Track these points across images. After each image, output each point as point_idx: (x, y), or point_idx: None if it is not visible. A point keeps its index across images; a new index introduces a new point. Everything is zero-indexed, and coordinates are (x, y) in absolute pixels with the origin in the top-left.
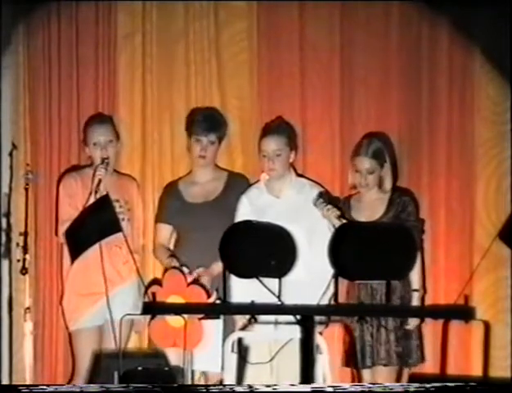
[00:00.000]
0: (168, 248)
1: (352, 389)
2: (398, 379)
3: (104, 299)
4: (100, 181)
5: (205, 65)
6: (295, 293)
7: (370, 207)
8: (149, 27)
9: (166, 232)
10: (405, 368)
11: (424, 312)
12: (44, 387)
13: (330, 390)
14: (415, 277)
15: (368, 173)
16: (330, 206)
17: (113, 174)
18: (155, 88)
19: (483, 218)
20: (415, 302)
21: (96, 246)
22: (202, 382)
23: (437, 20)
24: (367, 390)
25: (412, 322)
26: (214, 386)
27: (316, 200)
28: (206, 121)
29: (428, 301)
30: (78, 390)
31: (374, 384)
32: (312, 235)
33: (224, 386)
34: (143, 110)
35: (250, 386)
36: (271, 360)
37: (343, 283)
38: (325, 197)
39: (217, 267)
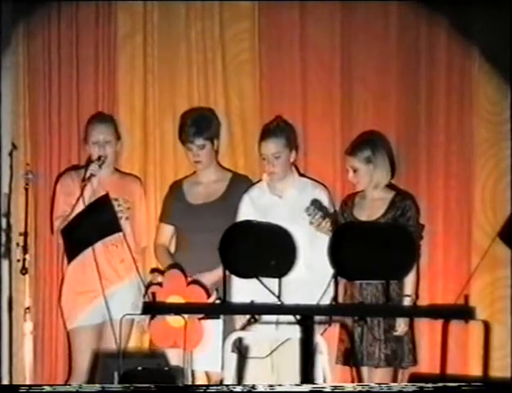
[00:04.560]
0: (168, 250)
1: (352, 389)
2: (394, 380)
3: (101, 297)
4: (91, 176)
5: (208, 66)
6: (295, 293)
7: (372, 207)
8: (150, 27)
9: (167, 233)
10: (398, 369)
11: (423, 312)
12: (45, 387)
13: (329, 390)
14: (408, 282)
15: (354, 171)
16: (320, 218)
17: (114, 174)
18: (157, 88)
19: (481, 218)
20: None
21: (91, 246)
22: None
23: (436, 20)
24: (367, 390)
25: (400, 328)
26: (214, 386)
27: (308, 208)
28: (192, 126)
29: (426, 302)
30: (78, 390)
31: (373, 384)
32: (314, 235)
33: (225, 386)
34: (144, 110)
35: (250, 387)
36: (268, 356)
37: (341, 282)
38: (318, 207)
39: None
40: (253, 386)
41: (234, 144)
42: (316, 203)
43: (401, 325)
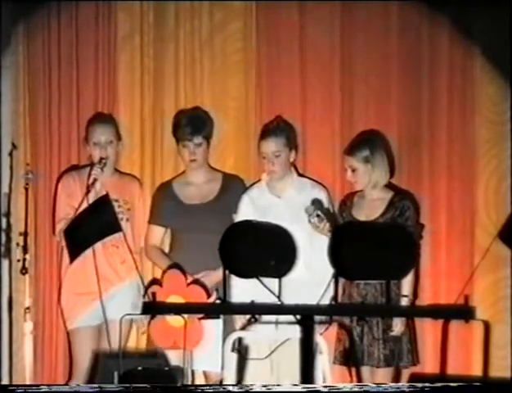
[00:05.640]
0: (161, 249)
1: (347, 389)
2: (394, 380)
3: (102, 298)
4: (95, 180)
5: (197, 66)
6: (295, 293)
7: (370, 207)
8: (146, 27)
9: (159, 234)
10: (397, 369)
11: (423, 312)
12: (45, 387)
13: (331, 390)
14: (406, 282)
15: (352, 170)
16: (318, 218)
17: (114, 174)
18: (152, 88)
19: (484, 218)
20: None
21: (91, 246)
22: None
23: (438, 20)
24: (367, 390)
25: (397, 329)
26: (214, 386)
27: (308, 208)
28: (189, 125)
29: (429, 302)
30: (78, 390)
31: (373, 384)
32: (313, 235)
33: (224, 386)
34: (142, 110)
35: (250, 386)
36: (267, 357)
37: (340, 282)
38: (318, 207)
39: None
40: (254, 386)
41: (223, 144)
42: (316, 203)
43: (397, 325)
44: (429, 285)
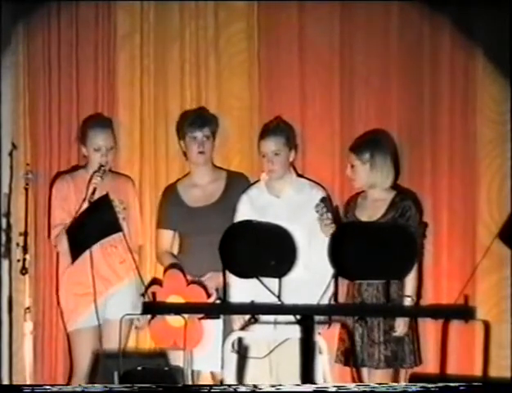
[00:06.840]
0: (171, 253)
1: (355, 389)
2: (394, 380)
3: (101, 299)
4: (95, 189)
5: (201, 66)
6: (295, 293)
7: (372, 207)
8: (146, 27)
9: (168, 238)
10: (399, 370)
11: (424, 312)
12: (46, 387)
13: (333, 390)
14: (409, 282)
15: (351, 166)
16: (328, 216)
17: (108, 175)
18: (152, 89)
19: (486, 218)
20: None
21: (92, 246)
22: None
23: (439, 20)
24: (369, 390)
25: (399, 329)
26: (216, 386)
27: (317, 205)
28: (198, 118)
29: (431, 302)
30: (80, 390)
31: (376, 384)
32: (313, 235)
33: (227, 386)
34: (141, 110)
35: (252, 386)
36: (266, 356)
37: (343, 283)
38: (327, 205)
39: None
40: (256, 386)
41: (229, 144)
42: (325, 200)
43: (400, 326)
44: (431, 285)
